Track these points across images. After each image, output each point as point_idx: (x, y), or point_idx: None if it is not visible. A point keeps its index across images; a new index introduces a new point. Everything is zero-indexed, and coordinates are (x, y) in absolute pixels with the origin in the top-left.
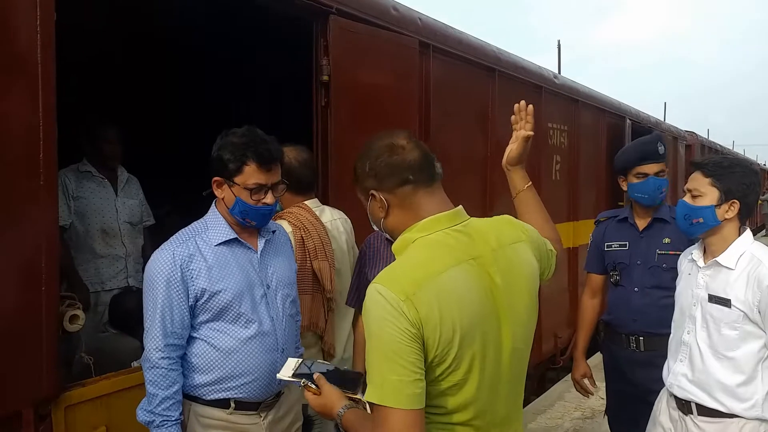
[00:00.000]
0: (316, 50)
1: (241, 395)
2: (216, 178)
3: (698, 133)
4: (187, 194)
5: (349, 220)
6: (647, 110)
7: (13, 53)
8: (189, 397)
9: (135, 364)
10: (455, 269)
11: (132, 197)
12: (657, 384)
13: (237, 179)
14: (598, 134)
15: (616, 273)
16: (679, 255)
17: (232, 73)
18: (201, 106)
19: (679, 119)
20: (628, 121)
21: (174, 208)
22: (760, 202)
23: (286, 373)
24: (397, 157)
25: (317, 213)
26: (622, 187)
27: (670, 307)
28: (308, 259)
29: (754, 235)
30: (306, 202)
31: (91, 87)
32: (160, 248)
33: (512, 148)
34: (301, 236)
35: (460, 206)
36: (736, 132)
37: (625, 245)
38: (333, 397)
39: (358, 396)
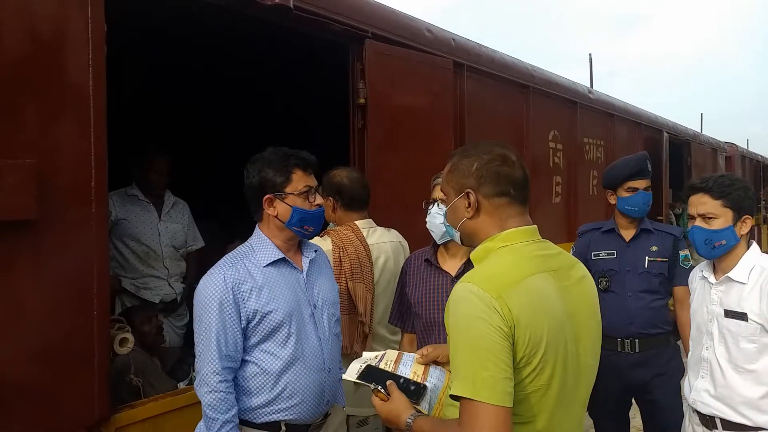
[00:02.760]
0: (352, 74)
1: (291, 417)
2: (267, 197)
3: (737, 143)
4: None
5: (404, 243)
6: (683, 122)
7: (66, 84)
8: (240, 420)
9: (181, 385)
10: (539, 276)
11: (176, 221)
12: (649, 381)
13: (288, 189)
14: (634, 148)
15: (606, 279)
16: (665, 262)
17: (270, 98)
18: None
19: (718, 129)
20: (665, 134)
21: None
22: None
23: (350, 375)
24: (507, 169)
25: (367, 233)
26: (609, 201)
27: (660, 309)
28: (344, 279)
29: None
30: (357, 222)
31: (141, 114)
32: (208, 272)
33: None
34: (339, 255)
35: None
36: None
37: (613, 254)
38: (401, 405)
39: (421, 407)
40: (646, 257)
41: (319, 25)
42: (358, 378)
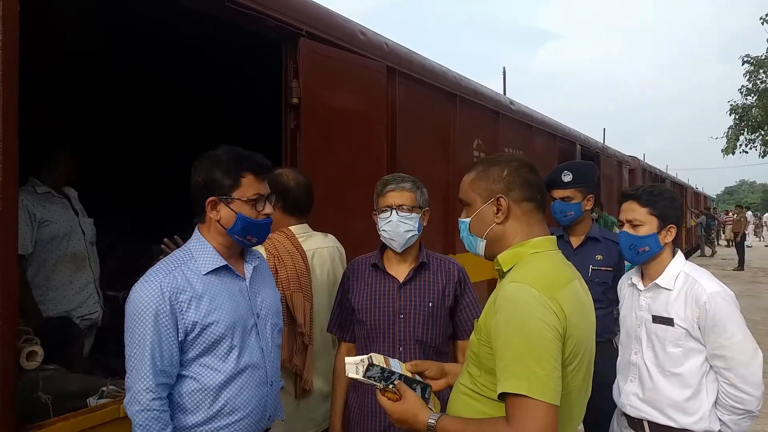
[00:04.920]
0: (285, 72)
1: None
2: (211, 199)
3: (635, 156)
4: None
5: (341, 249)
6: (586, 134)
7: None
8: None
9: (92, 402)
10: (576, 281)
11: (86, 215)
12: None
13: (235, 194)
14: (550, 159)
15: None
16: (610, 271)
17: (201, 92)
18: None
19: (617, 143)
20: (578, 146)
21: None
22: (693, 223)
23: (353, 372)
24: (534, 176)
25: (302, 239)
26: None
27: (602, 318)
28: (281, 289)
29: (688, 256)
30: (292, 227)
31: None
32: (143, 279)
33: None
34: (274, 264)
35: None
36: (669, 155)
37: None
38: (417, 405)
39: (430, 406)
40: (590, 266)
41: (252, 19)
42: (364, 376)
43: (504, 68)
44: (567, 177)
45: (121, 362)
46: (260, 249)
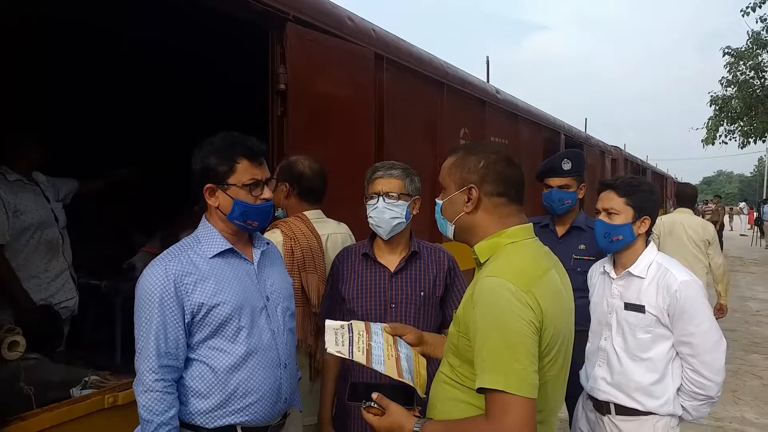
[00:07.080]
0: (272, 58)
1: (246, 419)
2: (208, 186)
3: (617, 146)
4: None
5: (353, 237)
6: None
7: None
8: (190, 426)
9: (75, 392)
10: (553, 271)
11: (56, 199)
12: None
13: (231, 180)
14: (535, 148)
15: None
16: (592, 260)
17: (186, 81)
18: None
19: (598, 132)
20: (562, 135)
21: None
22: None
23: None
24: (511, 171)
25: (317, 225)
26: None
27: (583, 307)
28: (297, 269)
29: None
30: (307, 213)
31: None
32: (150, 264)
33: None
34: (291, 246)
35: None
36: (649, 146)
37: None
38: (401, 416)
39: (417, 412)
40: (573, 255)
41: (238, 2)
42: (349, 400)
43: (487, 58)
44: (567, 165)
45: (99, 353)
46: (276, 232)
